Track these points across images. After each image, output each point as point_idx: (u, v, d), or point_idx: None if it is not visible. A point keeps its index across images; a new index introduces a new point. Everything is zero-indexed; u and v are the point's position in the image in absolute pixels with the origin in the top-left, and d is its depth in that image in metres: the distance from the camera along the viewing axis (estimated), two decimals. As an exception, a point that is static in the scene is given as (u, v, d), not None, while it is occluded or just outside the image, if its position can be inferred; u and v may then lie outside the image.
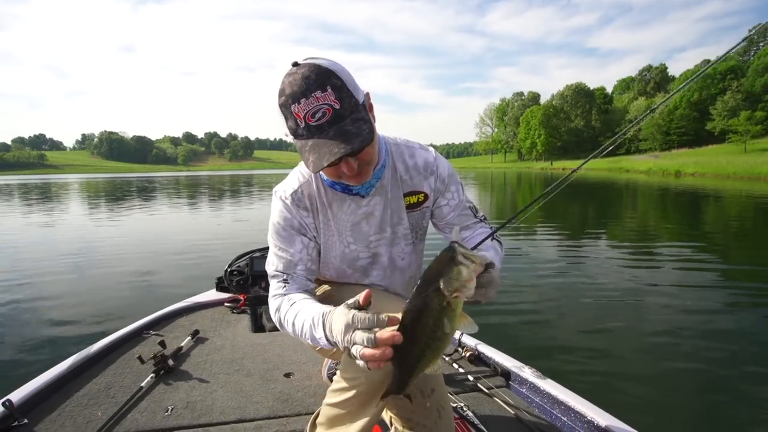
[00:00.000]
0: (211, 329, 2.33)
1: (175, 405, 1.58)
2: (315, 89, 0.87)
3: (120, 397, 1.61)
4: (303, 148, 0.92)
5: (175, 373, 1.82)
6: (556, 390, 1.57)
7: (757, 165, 28.03)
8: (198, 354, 2.03)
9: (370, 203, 1.14)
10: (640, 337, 3.37)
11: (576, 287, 4.72)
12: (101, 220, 11.37)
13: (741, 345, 3.17)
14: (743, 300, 4.28)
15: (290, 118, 0.91)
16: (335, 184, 1.09)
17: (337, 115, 0.89)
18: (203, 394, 1.66)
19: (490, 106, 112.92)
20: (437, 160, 1.19)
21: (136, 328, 2.24)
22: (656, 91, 76.80)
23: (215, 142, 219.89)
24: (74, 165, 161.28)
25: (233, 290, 2.66)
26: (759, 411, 2.35)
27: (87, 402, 1.59)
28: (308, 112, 0.88)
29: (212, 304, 2.69)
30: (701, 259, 6.03)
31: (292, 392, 1.69)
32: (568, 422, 1.48)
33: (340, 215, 1.13)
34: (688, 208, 12.95)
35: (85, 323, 3.64)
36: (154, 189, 26.63)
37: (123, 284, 4.89)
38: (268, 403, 1.61)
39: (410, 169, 1.16)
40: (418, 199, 1.18)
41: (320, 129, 0.89)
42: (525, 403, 1.65)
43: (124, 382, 1.74)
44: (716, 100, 58.18)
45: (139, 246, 7.30)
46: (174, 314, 2.53)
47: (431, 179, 1.18)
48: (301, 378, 1.81)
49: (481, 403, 1.62)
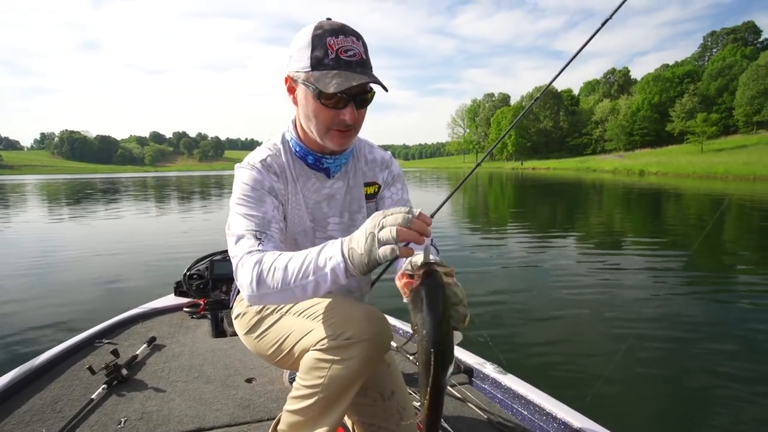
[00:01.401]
0: (169, 336, 2.24)
1: (128, 417, 1.50)
2: (352, 34, 0.98)
3: (67, 412, 1.52)
4: (323, 76, 0.95)
5: (129, 383, 1.73)
6: (517, 385, 1.60)
7: (714, 165, 29.65)
8: (154, 362, 1.94)
9: (333, 186, 1.17)
10: (601, 331, 3.45)
11: (540, 283, 4.80)
12: (54, 224, 10.88)
13: (703, 336, 3.29)
14: (705, 292, 4.44)
15: (320, 48, 0.96)
16: (308, 154, 1.11)
17: (363, 62, 0.98)
18: (159, 404, 1.59)
19: (462, 107, 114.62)
20: (392, 159, 1.29)
21: (87, 336, 2.13)
22: (620, 93, 79.64)
23: (184, 142, 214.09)
24: (32, 165, 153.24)
25: (192, 295, 2.57)
26: (718, 400, 2.42)
27: (30, 419, 1.48)
28: (342, 47, 0.96)
29: (170, 309, 2.60)
30: (666, 256, 6.22)
31: (254, 398, 1.64)
32: (528, 416, 1.51)
33: (305, 191, 1.14)
34: (653, 206, 13.46)
35: (30, 334, 3.43)
36: (116, 191, 25.62)
37: (75, 291, 4.66)
38: (228, 410, 1.56)
39: (369, 162, 1.24)
40: (374, 190, 1.24)
41: (348, 65, 0.96)
42: (487, 399, 1.66)
43: (72, 395, 1.64)
44: (675, 103, 60.93)
45: (94, 251, 6.97)
46: (129, 321, 2.42)
47: (385, 172, 1.26)
48: (263, 383, 1.76)
49: (444, 400, 1.62)
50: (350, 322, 0.95)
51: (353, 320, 0.95)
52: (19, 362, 1.79)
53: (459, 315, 0.77)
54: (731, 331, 3.44)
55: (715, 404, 2.40)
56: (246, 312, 1.19)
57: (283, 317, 1.09)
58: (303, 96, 1.01)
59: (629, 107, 69.41)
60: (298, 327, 1.04)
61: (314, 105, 1.00)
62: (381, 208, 1.25)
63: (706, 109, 54.68)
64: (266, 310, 1.13)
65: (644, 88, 69.74)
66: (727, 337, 3.31)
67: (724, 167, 27.77)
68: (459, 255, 6.34)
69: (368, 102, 1.03)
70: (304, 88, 1.00)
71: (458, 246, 7.07)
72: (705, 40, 76.75)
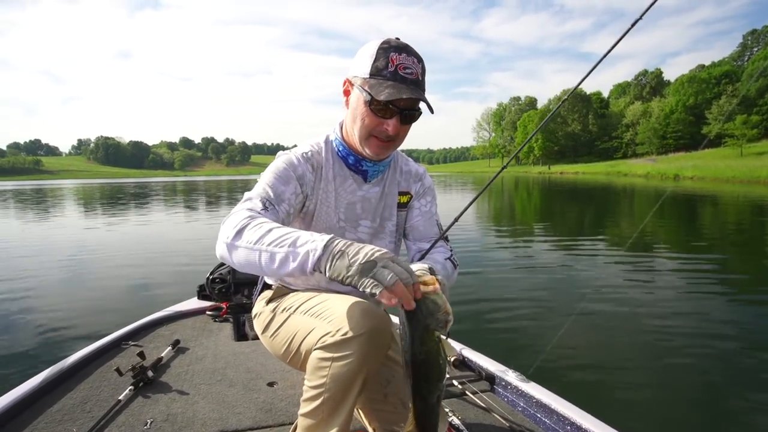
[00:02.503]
0: (193, 339, 2.25)
1: (154, 418, 1.52)
2: (414, 56, 1.05)
3: (96, 412, 1.55)
4: (378, 84, 1.02)
5: (154, 384, 1.76)
6: (540, 393, 1.57)
7: (756, 168, 28.22)
8: (179, 364, 1.96)
9: (369, 190, 1.22)
10: (628, 340, 3.33)
11: (565, 290, 4.65)
12: (86, 228, 11.20)
13: (736, 347, 3.14)
14: (744, 302, 4.21)
15: (383, 59, 1.02)
16: (350, 154, 1.17)
17: (418, 82, 1.05)
18: (184, 406, 1.60)
19: (488, 110, 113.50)
20: (425, 172, 1.36)
21: (114, 339, 2.16)
22: (652, 95, 77.17)
23: (212, 147, 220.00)
24: (70, 170, 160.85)
25: (215, 298, 2.59)
26: (749, 412, 2.31)
27: (61, 418, 1.51)
28: (402, 64, 1.02)
29: (193, 312, 2.61)
30: (700, 262, 5.93)
31: (276, 402, 1.64)
32: (551, 425, 1.47)
33: (340, 191, 1.19)
34: (691, 212, 12.87)
35: (60, 335, 3.50)
36: (146, 195, 26.41)
37: (102, 294, 4.74)
38: (251, 414, 1.56)
39: (404, 173, 1.30)
40: (407, 199, 1.29)
41: (404, 80, 1.02)
42: (509, 406, 1.64)
43: (100, 395, 1.67)
44: (711, 105, 58.50)
45: (122, 254, 7.11)
46: (154, 324, 2.44)
47: (418, 185, 1.32)
48: (284, 387, 1.76)
49: (466, 408, 1.61)
50: (348, 318, 0.96)
51: (351, 316, 0.96)
52: (50, 362, 1.83)
53: (438, 322, 0.80)
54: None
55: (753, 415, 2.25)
56: (262, 311, 1.22)
57: (291, 316, 1.12)
58: (355, 98, 1.08)
59: (662, 110, 67.08)
60: (303, 326, 1.07)
61: (363, 109, 1.06)
62: (408, 217, 1.31)
63: (746, 111, 52.18)
64: (279, 308, 1.16)
65: (678, 90, 67.31)
66: None
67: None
68: (483, 257, 6.21)
69: (414, 119, 1.09)
70: (358, 92, 1.07)
71: (482, 248, 6.95)
72: (745, 39, 73.52)
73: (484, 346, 2.09)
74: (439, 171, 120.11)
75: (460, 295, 4.25)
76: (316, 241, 0.81)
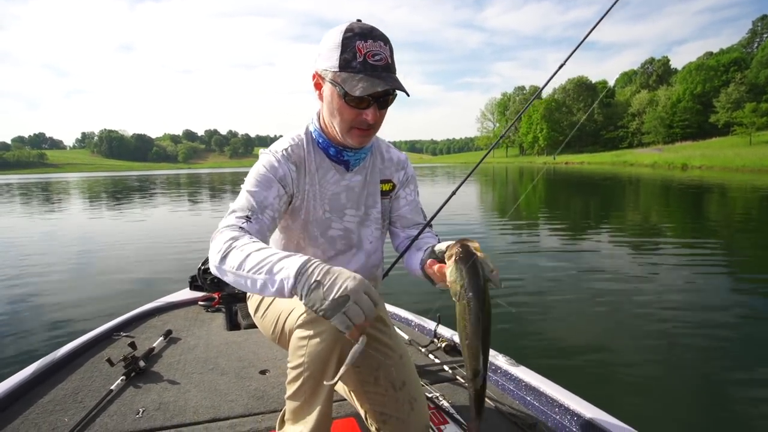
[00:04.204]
0: (185, 329, 2.27)
1: (146, 407, 1.54)
2: (380, 39, 1.03)
3: (88, 402, 1.56)
4: (350, 78, 1.00)
5: (146, 374, 1.78)
6: (529, 377, 1.61)
7: (766, 157, 27.81)
8: (170, 354, 1.98)
9: (352, 179, 1.22)
10: (618, 325, 3.35)
11: (558, 276, 4.65)
12: (83, 221, 11.22)
13: (733, 334, 3.14)
14: (743, 293, 4.15)
15: (349, 50, 1.01)
16: (330, 146, 1.16)
17: (389, 66, 1.03)
18: (176, 395, 1.62)
19: (492, 100, 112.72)
20: (407, 160, 1.36)
21: (106, 330, 2.17)
22: (658, 83, 76.20)
23: (215, 140, 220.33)
24: (74, 164, 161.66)
25: (207, 288, 2.60)
26: (746, 405, 2.30)
27: (53, 408, 1.52)
28: (370, 51, 1.01)
29: (185, 303, 2.62)
30: (702, 252, 5.85)
31: (268, 389, 1.67)
32: (541, 407, 1.52)
33: (324, 182, 1.19)
34: (700, 202, 12.69)
35: (52, 327, 3.49)
36: (146, 189, 26.46)
37: (93, 285, 4.74)
38: (243, 401, 1.58)
39: (386, 161, 1.30)
40: (389, 187, 1.30)
41: (375, 69, 1.01)
42: (499, 390, 1.68)
43: (92, 385, 1.68)
44: (719, 93, 57.64)
45: (116, 246, 7.13)
46: (145, 315, 2.45)
47: (401, 173, 1.33)
48: (276, 374, 1.78)
49: (456, 392, 1.65)
50: None
51: None
52: (42, 354, 1.85)
53: (494, 279, 0.90)
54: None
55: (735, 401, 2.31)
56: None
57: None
58: (329, 93, 1.07)
59: (669, 98, 66.22)
60: (286, 306, 1.10)
61: (339, 103, 1.05)
62: (395, 207, 1.33)
63: (755, 99, 51.35)
64: None
65: (686, 78, 66.39)
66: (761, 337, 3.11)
67: (779, 160, 25.99)
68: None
69: (389, 103, 1.09)
70: (331, 86, 1.05)
71: (477, 235, 6.92)
72: (755, 25, 72.32)
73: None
74: (444, 162, 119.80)
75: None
76: (289, 269, 0.83)
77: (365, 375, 1.19)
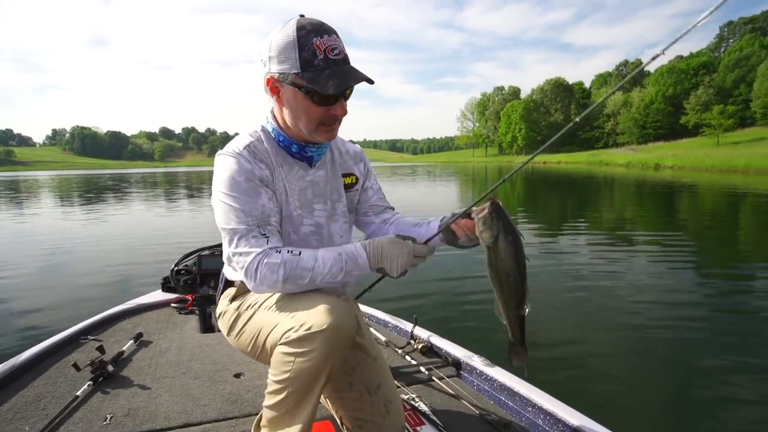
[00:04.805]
0: (156, 332, 2.22)
1: (114, 413, 1.48)
2: (332, 32, 1.02)
3: (51, 409, 1.49)
4: (317, 77, 0.99)
5: (115, 379, 1.72)
6: (504, 377, 1.63)
7: (734, 158, 28.94)
8: (141, 358, 1.92)
9: (315, 174, 1.20)
10: (592, 326, 3.39)
11: (533, 277, 4.67)
12: (51, 220, 10.85)
13: (704, 335, 3.19)
14: (714, 293, 4.24)
15: (308, 49, 0.99)
16: (292, 144, 1.13)
17: (347, 58, 1.03)
18: (146, 400, 1.57)
19: (471, 100, 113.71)
20: (363, 153, 1.36)
21: (72, 333, 2.11)
22: (632, 85, 78.28)
23: (193, 138, 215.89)
24: (44, 162, 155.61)
25: (180, 290, 2.54)
26: (719, 401, 2.35)
27: (12, 417, 1.46)
28: (329, 46, 1.00)
29: (157, 305, 2.57)
30: (674, 249, 6.01)
31: (242, 393, 1.63)
32: (515, 407, 1.53)
33: (290, 179, 1.16)
34: (672, 201, 13.07)
35: (16, 331, 3.36)
36: (122, 187, 25.75)
37: (61, 288, 4.57)
38: (216, 405, 1.54)
39: (344, 154, 1.30)
40: (352, 180, 1.29)
41: (337, 63, 1.01)
42: (475, 391, 1.69)
43: (56, 392, 1.61)
44: (689, 95, 59.60)
45: (83, 247, 6.91)
46: (115, 317, 2.39)
47: (360, 165, 1.33)
48: (251, 378, 1.75)
49: (432, 393, 1.66)
50: (311, 313, 0.97)
51: (314, 311, 0.97)
52: (2, 360, 1.76)
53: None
54: (737, 330, 3.30)
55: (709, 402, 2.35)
56: (227, 310, 1.21)
57: (257, 313, 1.11)
58: (291, 96, 1.04)
59: (642, 100, 68.10)
60: (267, 321, 1.07)
61: (305, 104, 1.03)
62: (365, 198, 1.35)
63: (722, 101, 53.31)
64: (243, 306, 1.16)
65: (658, 81, 68.38)
66: (734, 335, 3.18)
67: (745, 160, 26.97)
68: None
69: (351, 94, 1.08)
70: (293, 89, 1.02)
71: None
72: (721, 31, 75.06)
73: (452, 333, 2.15)
74: (425, 161, 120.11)
75: (427, 284, 4.27)
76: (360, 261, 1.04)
77: (339, 381, 1.18)
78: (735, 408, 2.27)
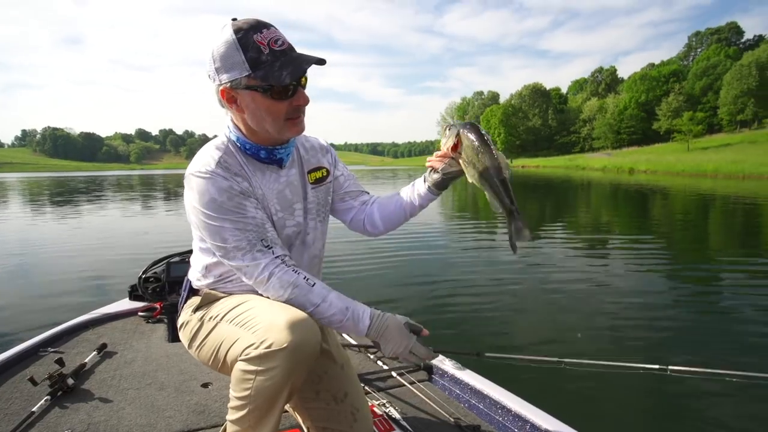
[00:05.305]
0: (122, 342, 2.16)
1: (73, 428, 1.43)
2: (271, 26, 1.00)
3: (4, 427, 1.44)
4: (269, 73, 0.96)
5: (75, 393, 1.65)
6: (474, 380, 1.63)
7: (703, 163, 30.18)
8: (104, 370, 1.86)
9: (288, 173, 1.18)
10: (563, 328, 3.41)
11: (506, 280, 4.72)
12: (15, 225, 10.48)
13: (676, 335, 3.25)
14: (685, 294, 4.35)
15: (252, 48, 0.96)
16: (260, 149, 1.10)
17: (292, 46, 1.01)
18: (108, 414, 1.53)
19: (452, 104, 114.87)
20: (326, 142, 1.33)
21: (30, 346, 2.01)
22: (607, 92, 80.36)
23: (171, 140, 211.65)
24: (13, 163, 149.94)
25: (148, 298, 2.45)
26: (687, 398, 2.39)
27: None
28: (271, 39, 0.97)
29: (124, 314, 2.48)
30: (649, 253, 6.15)
31: (210, 403, 1.60)
32: (485, 410, 1.54)
33: (264, 184, 1.13)
34: (647, 204, 13.43)
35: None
36: (94, 190, 25.00)
37: (20, 297, 4.35)
38: (182, 417, 1.51)
39: (309, 150, 1.26)
40: (323, 174, 1.25)
41: (284, 53, 0.98)
42: (445, 394, 1.69)
43: (10, 408, 1.55)
44: (661, 102, 61.57)
45: (47, 253, 6.63)
46: (78, 328, 2.30)
47: (328, 156, 1.30)
48: (219, 387, 1.71)
49: (403, 398, 1.66)
50: (272, 329, 0.94)
51: (275, 327, 0.94)
52: None
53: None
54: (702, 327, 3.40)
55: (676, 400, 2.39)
56: (189, 320, 1.18)
57: (218, 325, 1.09)
58: (250, 100, 1.00)
59: (617, 106, 69.98)
60: (228, 335, 1.04)
61: (266, 103, 1.00)
62: (339, 186, 1.31)
63: (692, 108, 55.24)
64: (206, 317, 1.13)
65: (631, 87, 70.38)
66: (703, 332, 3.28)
67: (714, 165, 28.13)
68: (426, 252, 6.17)
69: (306, 82, 1.05)
70: (250, 92, 0.99)
71: (423, 243, 6.93)
72: (690, 40, 77.77)
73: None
74: (406, 164, 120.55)
75: (399, 287, 4.26)
76: (363, 320, 1.04)
77: (305, 391, 1.16)
78: (707, 407, 2.31)
